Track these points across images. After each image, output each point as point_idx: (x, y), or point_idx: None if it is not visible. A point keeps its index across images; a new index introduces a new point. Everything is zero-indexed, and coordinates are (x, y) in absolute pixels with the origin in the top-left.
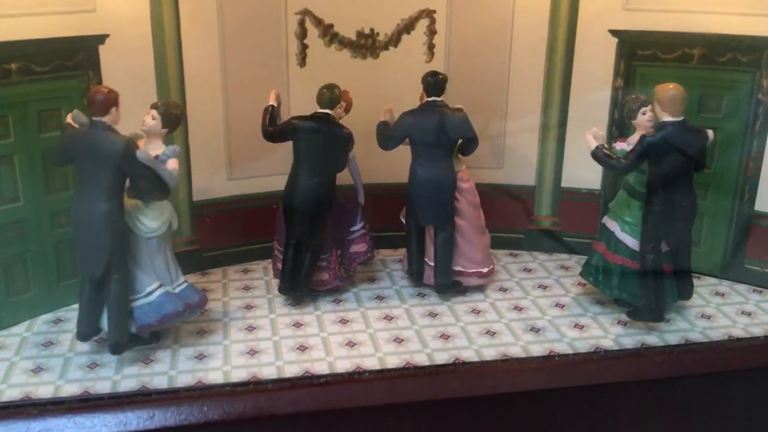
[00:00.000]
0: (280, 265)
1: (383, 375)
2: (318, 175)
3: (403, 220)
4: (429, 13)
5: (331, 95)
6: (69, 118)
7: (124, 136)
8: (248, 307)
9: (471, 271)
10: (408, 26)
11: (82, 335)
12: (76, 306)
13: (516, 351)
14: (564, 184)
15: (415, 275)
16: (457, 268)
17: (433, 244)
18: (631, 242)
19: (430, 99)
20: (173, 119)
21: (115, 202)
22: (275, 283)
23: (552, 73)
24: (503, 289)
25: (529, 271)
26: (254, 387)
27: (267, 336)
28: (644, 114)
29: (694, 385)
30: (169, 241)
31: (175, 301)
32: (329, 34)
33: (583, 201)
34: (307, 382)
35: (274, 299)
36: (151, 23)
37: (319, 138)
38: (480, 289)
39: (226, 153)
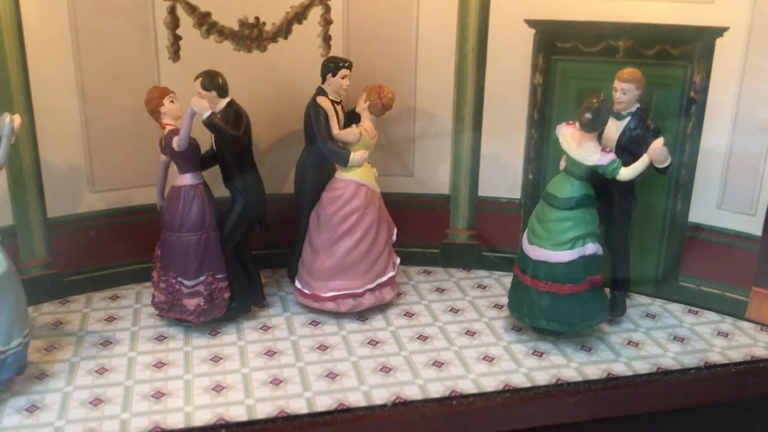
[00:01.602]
0: (221, 296)
1: (244, 429)
2: None
3: None
4: (322, 1)
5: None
6: None
7: None
8: (105, 344)
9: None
10: (299, 15)
11: None
12: None
13: (412, 392)
14: (481, 192)
15: None
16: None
17: None
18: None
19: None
20: None
21: None
22: (146, 311)
23: (463, 67)
24: (409, 314)
25: (442, 291)
26: None
27: (119, 380)
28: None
29: (613, 430)
30: None
31: None
32: (206, 24)
33: (503, 212)
34: None
35: (139, 332)
36: None
37: None
38: (381, 311)
39: (87, 162)
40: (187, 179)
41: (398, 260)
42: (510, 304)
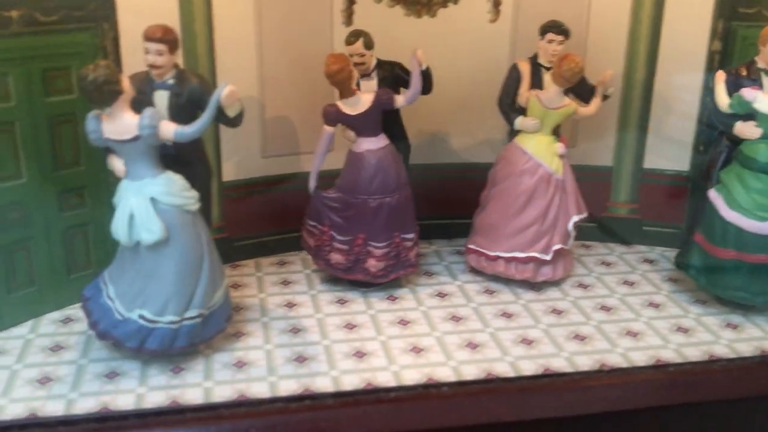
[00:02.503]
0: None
1: (466, 389)
2: None
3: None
4: None
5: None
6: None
7: None
8: (290, 305)
9: None
10: None
11: None
12: None
13: (615, 360)
14: (647, 164)
15: None
16: None
17: None
18: None
19: None
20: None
21: None
22: (317, 277)
23: (637, 33)
24: (583, 286)
25: (608, 264)
26: (310, 403)
27: (315, 340)
28: None
29: None
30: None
31: None
32: None
33: (668, 184)
34: (375, 397)
35: (318, 296)
36: None
37: None
38: (556, 284)
39: (260, 126)
40: (385, 138)
41: (556, 246)
42: (727, 289)
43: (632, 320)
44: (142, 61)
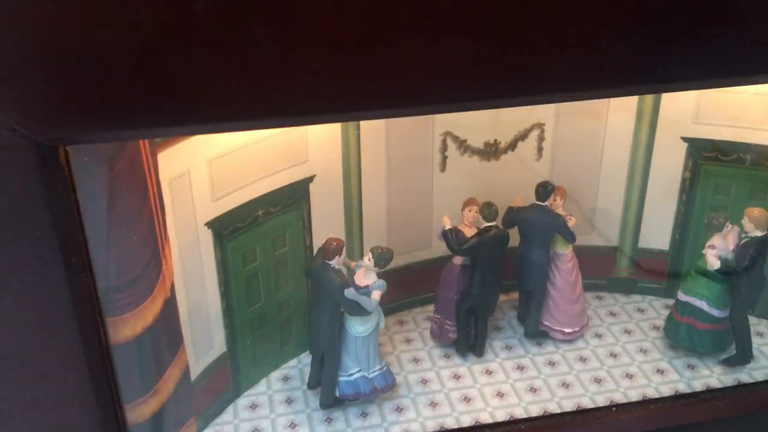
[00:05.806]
0: None
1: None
2: None
3: None
4: (539, 126)
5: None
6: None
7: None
8: (415, 361)
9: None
10: (523, 135)
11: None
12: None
13: (616, 397)
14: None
15: None
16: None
17: None
18: None
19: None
20: (385, 260)
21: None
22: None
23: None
24: (598, 335)
25: (615, 315)
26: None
27: (437, 389)
28: None
29: None
30: (375, 338)
31: (367, 383)
32: (463, 146)
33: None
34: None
35: (432, 352)
36: (342, 167)
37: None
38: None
39: None
40: None
41: None
42: None
43: (629, 365)
44: (326, 226)
